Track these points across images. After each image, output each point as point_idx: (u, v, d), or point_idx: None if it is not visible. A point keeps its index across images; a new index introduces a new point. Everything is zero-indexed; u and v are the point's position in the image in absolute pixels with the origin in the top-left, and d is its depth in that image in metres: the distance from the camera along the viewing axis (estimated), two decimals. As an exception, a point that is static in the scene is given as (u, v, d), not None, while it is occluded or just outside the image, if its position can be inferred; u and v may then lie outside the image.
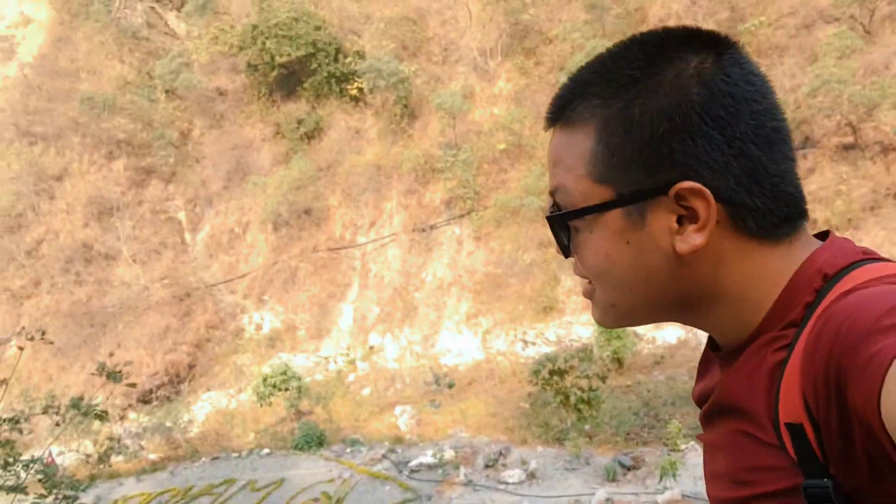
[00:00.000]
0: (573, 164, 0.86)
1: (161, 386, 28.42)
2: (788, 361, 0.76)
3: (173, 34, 43.94)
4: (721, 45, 0.86)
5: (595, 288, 0.90)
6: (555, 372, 16.17)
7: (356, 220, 32.39)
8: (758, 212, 0.81)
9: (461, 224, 29.87)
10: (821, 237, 0.89)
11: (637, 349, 20.43)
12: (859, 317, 0.69)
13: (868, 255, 0.84)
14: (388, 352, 28.30)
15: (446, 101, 29.45)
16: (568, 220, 0.86)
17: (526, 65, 32.05)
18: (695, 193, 0.80)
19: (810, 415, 0.71)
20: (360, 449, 18.58)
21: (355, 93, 34.08)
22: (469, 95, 31.88)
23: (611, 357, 19.61)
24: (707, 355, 0.98)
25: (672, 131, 0.80)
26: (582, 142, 0.85)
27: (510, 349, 25.01)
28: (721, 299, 0.84)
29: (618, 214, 0.83)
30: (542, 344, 24.91)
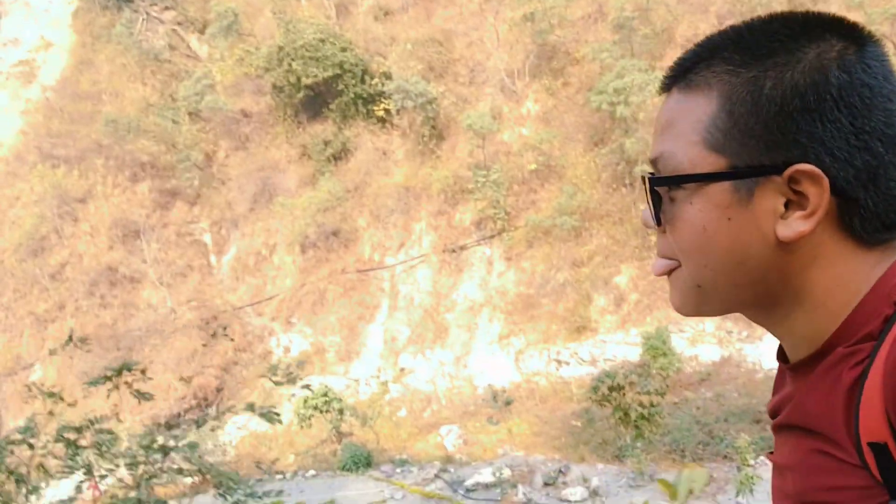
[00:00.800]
0: (687, 128, 0.80)
1: (189, 409, 28.02)
2: (868, 378, 0.72)
3: (195, 56, 44.07)
4: (865, 38, 0.80)
5: (677, 267, 0.84)
6: (614, 388, 15.88)
7: (385, 242, 32.16)
8: (867, 212, 0.77)
9: (491, 244, 29.62)
10: None
11: (679, 366, 20.17)
12: None
13: None
14: (419, 373, 27.92)
15: (476, 121, 29.34)
16: (671, 185, 0.80)
17: (554, 85, 31.98)
18: (811, 178, 0.75)
19: (894, 433, 0.69)
20: (410, 469, 18.22)
21: (382, 114, 34.02)
22: (497, 116, 31.78)
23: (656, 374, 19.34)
24: (781, 367, 0.91)
25: (803, 110, 0.75)
26: (702, 107, 0.80)
27: (546, 369, 24.65)
28: (804, 301, 0.79)
29: (726, 187, 0.78)
30: (576, 364, 24.56)
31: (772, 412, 0.91)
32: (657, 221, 0.82)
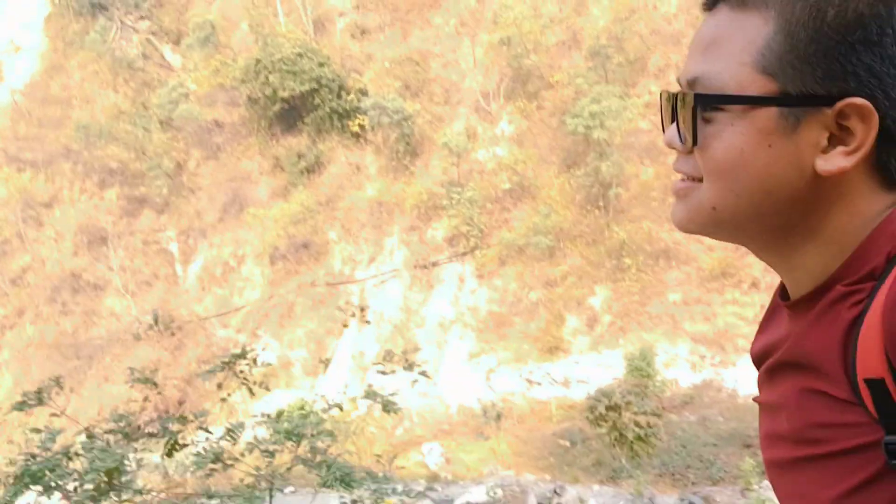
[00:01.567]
0: (737, 48, 0.77)
1: (150, 422, 27.31)
2: (867, 315, 0.71)
3: (168, 66, 43.78)
4: None
5: (697, 187, 0.82)
6: (611, 408, 15.79)
7: (355, 256, 32.08)
8: None
9: (463, 262, 29.73)
10: None
11: (663, 388, 20.24)
12: None
13: None
14: (387, 390, 27.70)
15: (452, 139, 29.61)
16: (717, 105, 0.77)
17: (528, 108, 32.46)
18: (861, 114, 0.73)
19: (892, 370, 0.68)
20: (394, 487, 17.89)
21: (356, 129, 34.12)
22: (471, 136, 32.11)
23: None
24: (775, 304, 0.92)
25: (864, 42, 0.73)
26: (757, 27, 0.77)
27: (518, 388, 24.67)
28: (819, 236, 0.79)
29: (772, 113, 0.75)
30: (548, 384, 24.63)
31: (761, 353, 0.90)
32: (694, 141, 0.79)
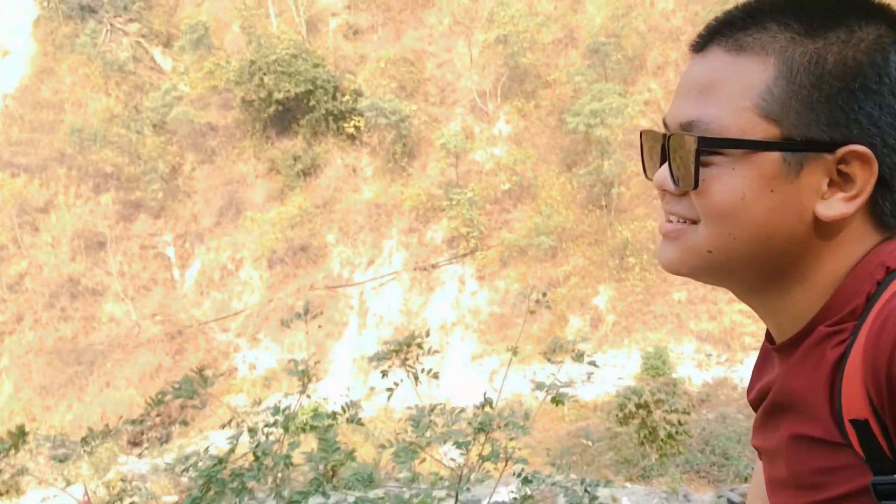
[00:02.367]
0: (736, 92, 0.77)
1: (152, 427, 27.24)
2: (849, 356, 0.72)
3: (159, 69, 43.45)
4: None
5: (690, 229, 0.81)
6: (641, 406, 15.84)
7: (354, 259, 31.97)
8: None
9: (463, 263, 29.69)
10: None
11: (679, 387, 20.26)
12: None
13: None
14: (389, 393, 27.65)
15: (450, 140, 29.54)
16: (721, 147, 0.77)
17: (525, 107, 32.44)
18: (863, 160, 0.74)
19: (875, 410, 0.69)
20: (419, 488, 17.84)
21: (352, 131, 33.99)
22: (468, 136, 32.05)
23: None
24: (765, 350, 0.92)
25: (863, 89, 0.74)
26: (756, 72, 0.77)
27: (522, 390, 24.65)
28: (808, 279, 0.79)
29: (775, 158, 0.75)
30: (553, 385, 24.61)
31: (756, 398, 0.90)
32: (695, 184, 0.78)
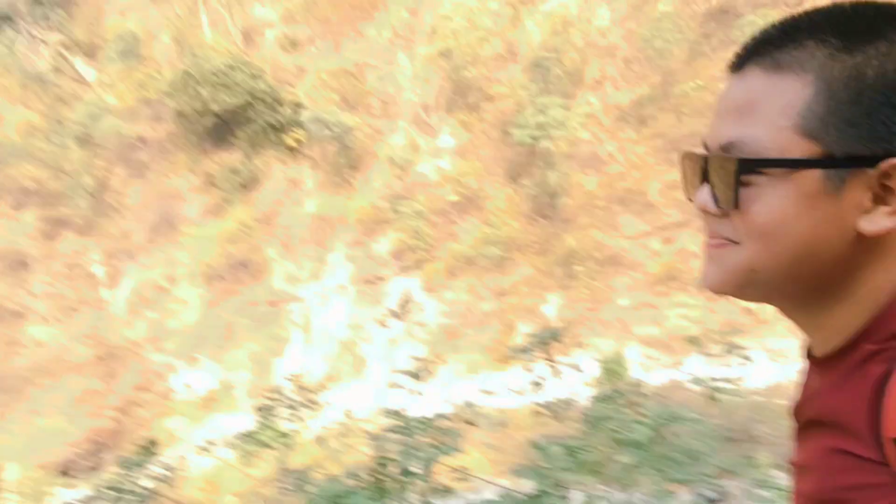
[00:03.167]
0: (775, 112, 0.77)
1: (84, 455, 25.70)
2: (893, 374, 0.73)
3: (82, 80, 41.63)
4: None
5: (733, 248, 0.82)
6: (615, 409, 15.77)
7: (297, 273, 31.19)
8: None
9: (410, 275, 29.36)
10: None
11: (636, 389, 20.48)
12: None
13: None
14: (339, 406, 26.94)
15: (396, 152, 29.31)
16: (761, 168, 0.77)
17: (469, 120, 32.50)
18: None
19: None
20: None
21: (293, 143, 33.31)
22: (413, 149, 31.89)
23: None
24: (807, 365, 0.93)
25: None
26: (795, 91, 0.77)
27: (474, 399, 24.43)
28: (852, 294, 0.80)
29: (817, 175, 0.75)
30: (504, 394, 24.51)
31: (795, 412, 0.90)
32: (735, 205, 0.78)
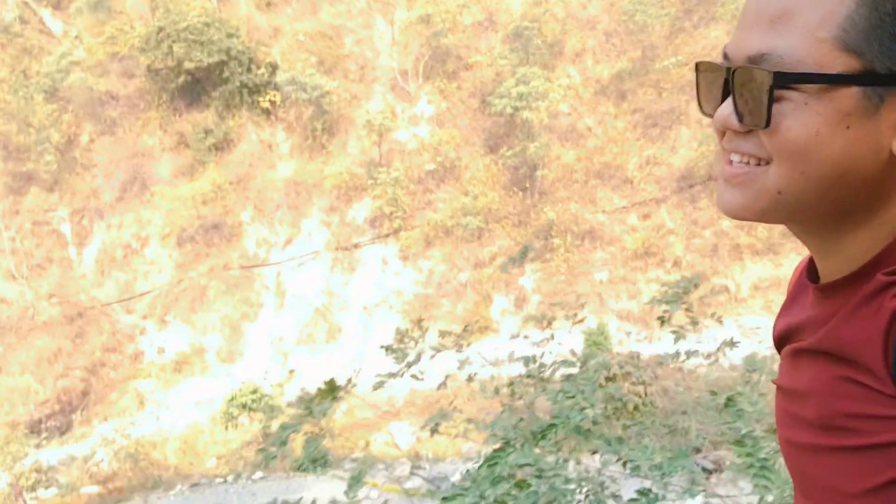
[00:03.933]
0: (814, 23, 0.73)
1: (52, 415, 25.41)
2: None
3: (49, 32, 40.24)
4: None
5: (761, 172, 0.78)
6: (610, 378, 15.96)
7: (270, 238, 30.90)
8: None
9: (387, 243, 29.29)
10: None
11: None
12: None
13: None
14: (311, 374, 26.97)
15: (375, 117, 29.00)
16: (798, 82, 0.73)
17: (448, 88, 32.27)
18: None
19: None
20: (379, 467, 17.42)
21: (267, 105, 32.74)
22: (390, 115, 31.58)
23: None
24: (801, 284, 0.91)
25: None
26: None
27: (450, 369, 24.64)
28: (875, 219, 0.77)
29: (855, 92, 0.72)
30: (479, 364, 24.75)
31: (783, 334, 0.88)
32: (767, 122, 0.73)
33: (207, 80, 33.10)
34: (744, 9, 0.77)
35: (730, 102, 0.76)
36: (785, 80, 0.71)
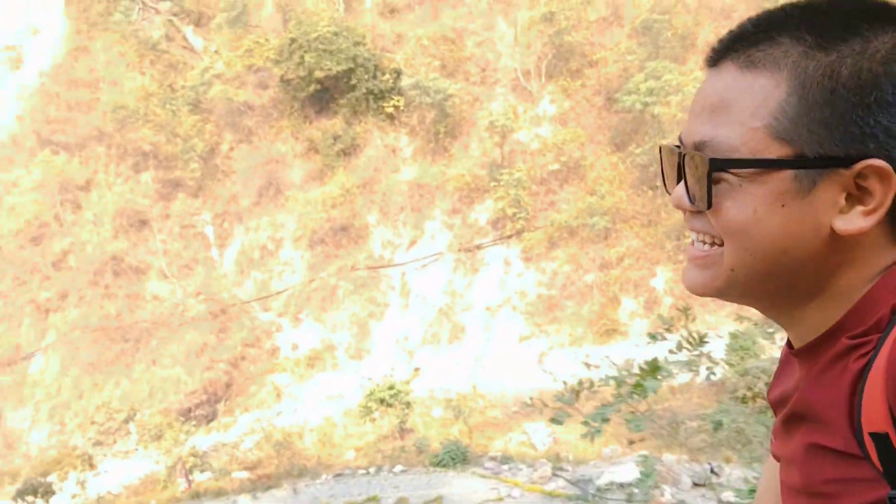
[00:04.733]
0: (747, 112, 0.75)
1: (199, 405, 27.22)
2: (871, 369, 0.72)
3: (191, 48, 43.17)
4: None
5: (720, 254, 0.80)
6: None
7: (395, 240, 31.73)
8: None
9: (509, 244, 29.37)
10: None
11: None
12: None
13: None
14: (436, 373, 27.48)
15: (497, 119, 29.13)
16: (730, 168, 0.76)
17: (571, 86, 31.94)
18: (880, 175, 0.72)
19: (895, 423, 0.69)
20: (518, 467, 17.61)
21: (391, 110, 33.63)
22: (512, 116, 31.63)
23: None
24: (785, 354, 0.90)
25: (881, 103, 0.72)
26: (768, 90, 0.74)
27: (575, 372, 24.40)
28: (826, 291, 0.78)
29: (787, 176, 0.74)
30: (606, 367, 24.33)
31: (776, 402, 0.88)
32: (708, 204, 0.76)
33: (335, 88, 34.43)
34: (694, 97, 0.81)
35: (683, 184, 0.81)
36: (721, 165, 0.76)
